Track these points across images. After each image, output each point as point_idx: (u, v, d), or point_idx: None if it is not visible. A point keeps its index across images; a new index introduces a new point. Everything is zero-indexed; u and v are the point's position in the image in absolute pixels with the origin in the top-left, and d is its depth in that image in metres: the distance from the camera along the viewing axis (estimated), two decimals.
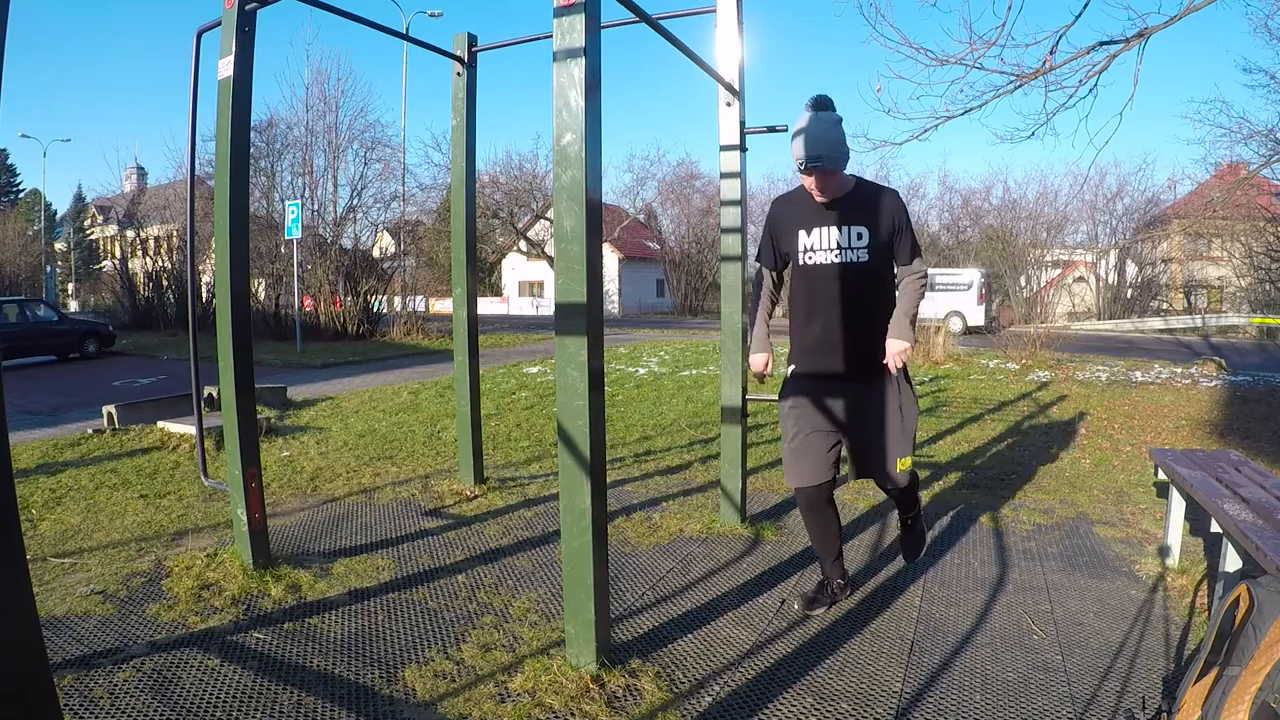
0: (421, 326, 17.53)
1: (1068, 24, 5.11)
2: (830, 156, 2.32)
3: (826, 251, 2.44)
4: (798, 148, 2.34)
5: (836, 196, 2.43)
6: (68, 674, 2.13)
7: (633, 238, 36.23)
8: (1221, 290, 27.43)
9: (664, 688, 2.09)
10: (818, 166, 2.32)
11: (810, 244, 2.46)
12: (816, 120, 2.33)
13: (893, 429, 2.46)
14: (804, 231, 2.48)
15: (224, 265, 2.77)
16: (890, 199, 2.45)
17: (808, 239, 2.47)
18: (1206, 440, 5.61)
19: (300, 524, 3.57)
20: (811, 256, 2.47)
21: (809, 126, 2.32)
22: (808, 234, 2.47)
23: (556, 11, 1.99)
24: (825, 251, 2.44)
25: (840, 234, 2.42)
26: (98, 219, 42.36)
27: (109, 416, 5.70)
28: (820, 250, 2.45)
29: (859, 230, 2.41)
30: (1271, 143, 11.78)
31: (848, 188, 2.45)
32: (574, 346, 2.06)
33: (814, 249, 2.46)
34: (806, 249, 2.47)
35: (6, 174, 48.51)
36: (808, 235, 2.47)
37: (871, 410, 2.46)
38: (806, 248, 2.47)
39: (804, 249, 2.48)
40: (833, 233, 2.42)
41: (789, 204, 2.57)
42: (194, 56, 2.85)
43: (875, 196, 2.45)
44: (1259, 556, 2.10)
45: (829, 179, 2.37)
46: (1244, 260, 25.33)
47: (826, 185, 2.38)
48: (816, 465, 2.49)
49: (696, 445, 5.40)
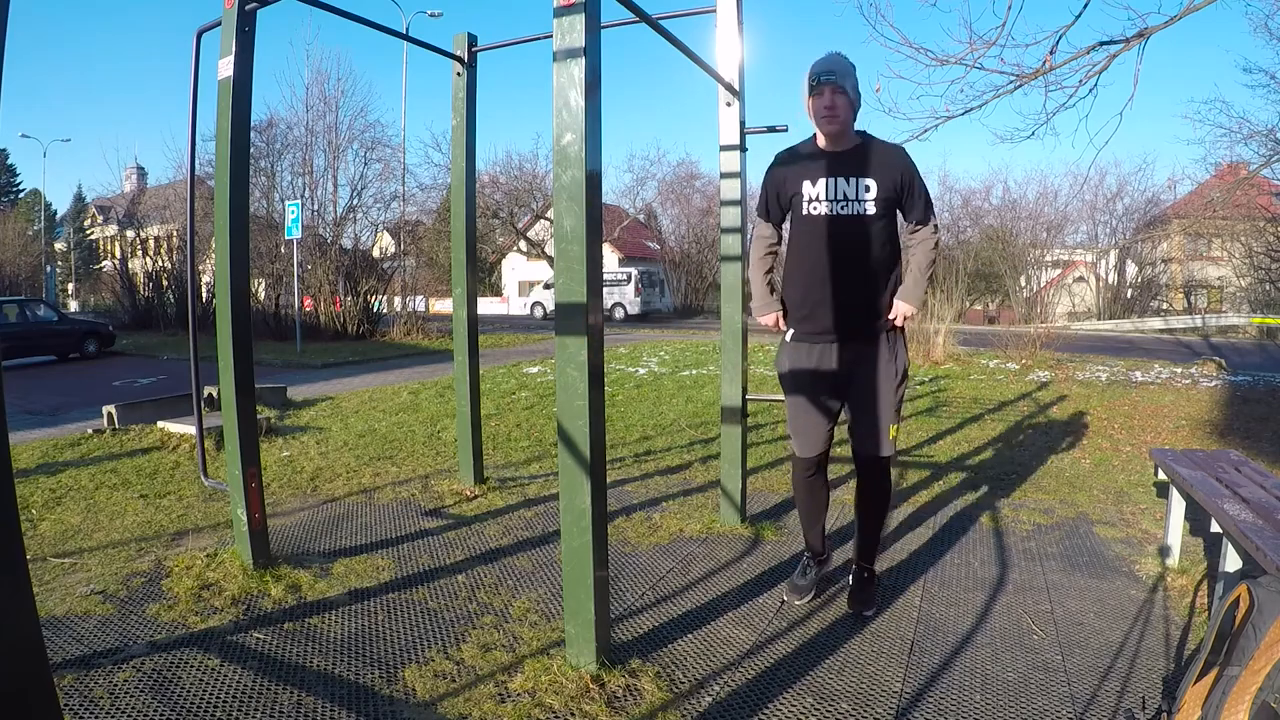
0: (421, 326, 17.52)
1: (1068, 24, 5.12)
2: (842, 73, 2.31)
3: (832, 202, 2.38)
4: (817, 64, 2.34)
5: (845, 144, 2.40)
6: (68, 674, 2.13)
7: (633, 238, 36.22)
8: (1221, 290, 27.44)
9: (664, 688, 2.09)
10: (830, 79, 2.29)
11: (815, 194, 2.40)
12: (832, 53, 2.37)
13: (887, 395, 2.44)
14: (809, 182, 2.42)
15: (224, 265, 2.77)
16: (899, 154, 2.41)
17: (813, 189, 2.41)
18: (1206, 440, 5.61)
19: (300, 524, 3.57)
20: (816, 207, 2.40)
21: (826, 55, 2.36)
22: (813, 184, 2.41)
23: (556, 11, 1.99)
24: (831, 202, 2.38)
25: (847, 185, 2.36)
26: (98, 219, 42.36)
27: (109, 416, 5.70)
28: (826, 200, 2.39)
29: (866, 183, 2.35)
30: (1271, 143, 11.79)
31: (855, 140, 2.41)
32: (574, 346, 2.06)
33: (819, 199, 2.40)
34: (811, 199, 2.41)
35: (6, 174, 48.51)
36: (813, 186, 2.41)
37: (869, 373, 2.45)
38: (811, 198, 2.41)
39: (809, 199, 2.42)
40: (839, 183, 2.37)
41: (793, 155, 2.51)
42: (194, 56, 2.85)
43: (884, 150, 2.41)
44: (1259, 556, 2.10)
45: (839, 97, 2.31)
46: (1244, 260, 25.34)
47: (836, 104, 2.32)
48: (816, 435, 2.53)
49: (696, 445, 5.39)
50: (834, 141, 2.42)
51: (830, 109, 2.33)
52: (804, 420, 2.54)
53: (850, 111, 2.37)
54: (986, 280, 29.35)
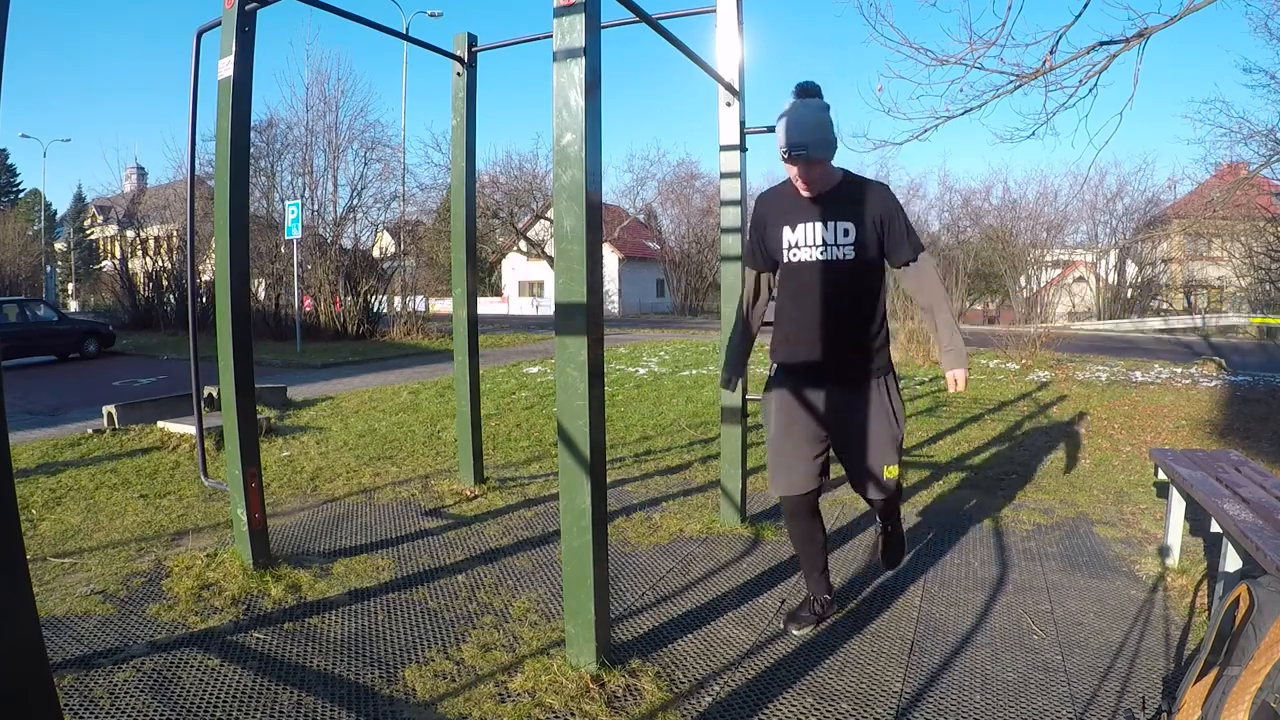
0: (421, 326, 17.53)
1: (1068, 24, 5.11)
2: (815, 144, 2.19)
3: (811, 249, 2.32)
4: (781, 135, 2.22)
5: (822, 190, 2.31)
6: (68, 674, 2.13)
7: (633, 238, 36.23)
8: (1221, 290, 27.47)
9: (664, 688, 2.09)
10: (802, 155, 2.19)
11: (795, 240, 2.35)
12: (803, 107, 2.21)
13: (882, 436, 2.35)
14: (788, 228, 2.36)
15: (224, 265, 2.77)
16: (878, 192, 2.33)
17: (792, 235, 2.35)
18: (1206, 440, 5.60)
19: (300, 524, 3.57)
20: (796, 254, 2.35)
21: (793, 113, 2.20)
22: (792, 230, 2.35)
23: (556, 11, 1.99)
24: (810, 249, 2.33)
25: (825, 230, 2.30)
26: (98, 219, 42.36)
27: (109, 416, 5.70)
28: (805, 247, 2.34)
29: (845, 226, 2.29)
30: (1271, 143, 11.78)
31: (834, 181, 2.32)
32: (574, 346, 2.06)
33: (798, 245, 2.35)
34: (791, 246, 2.36)
35: (6, 174, 48.51)
36: (792, 232, 2.35)
37: (859, 416, 2.36)
38: (791, 244, 2.36)
39: (788, 245, 2.37)
40: (817, 229, 2.31)
41: (773, 199, 2.45)
42: (194, 56, 2.85)
43: (862, 190, 2.32)
44: (1259, 556, 2.10)
45: (813, 168, 2.24)
46: (1244, 260, 25.34)
47: (811, 175, 2.25)
48: (802, 473, 2.39)
49: (696, 445, 5.39)
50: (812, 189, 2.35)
51: (804, 179, 2.28)
52: (789, 459, 2.41)
53: (825, 169, 2.30)
54: (986, 280, 29.37)
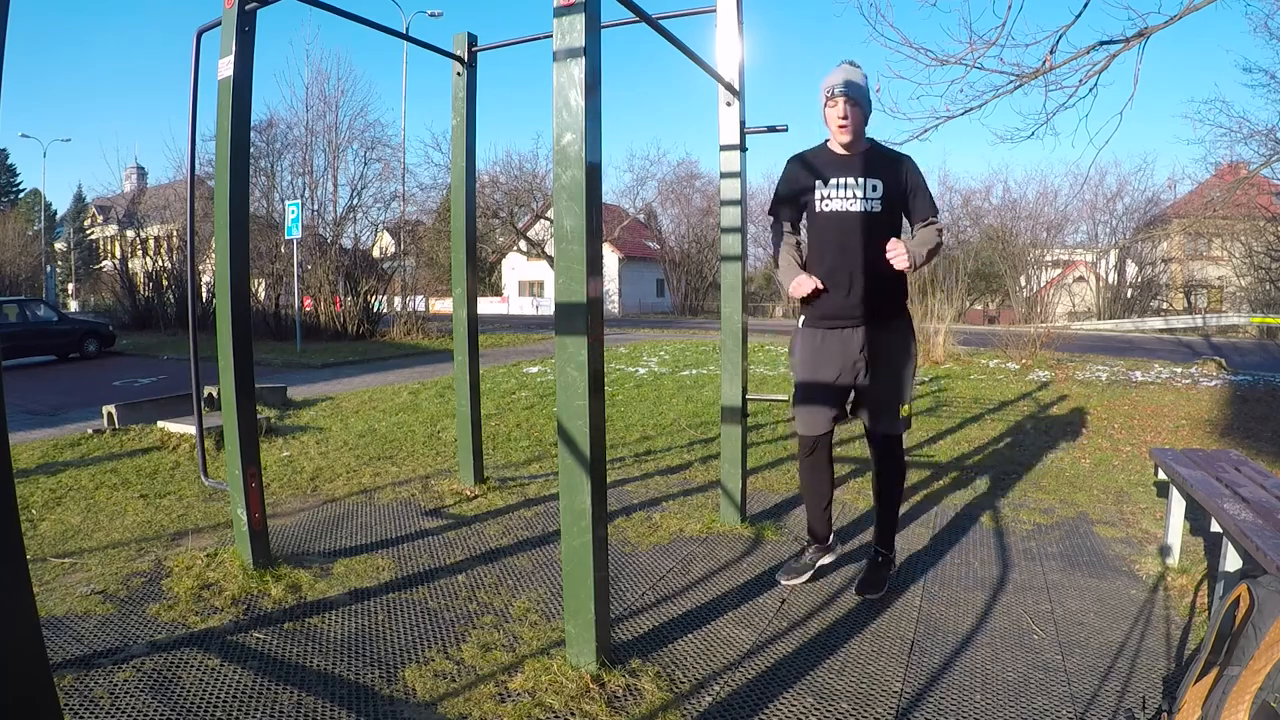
0: (421, 326, 17.52)
1: (1068, 24, 5.12)
2: (860, 89, 2.56)
3: (843, 200, 2.60)
4: (834, 76, 2.57)
5: (856, 149, 2.62)
6: (68, 674, 2.13)
7: (633, 238, 36.24)
8: (1221, 290, 27.47)
9: (664, 688, 2.09)
10: (846, 92, 2.52)
11: (827, 192, 2.62)
12: (851, 67, 2.61)
13: (902, 371, 2.64)
14: (821, 181, 2.64)
15: (224, 265, 2.77)
16: (905, 160, 2.65)
17: (824, 188, 2.63)
18: (1207, 440, 5.60)
19: (300, 524, 3.57)
20: (828, 204, 2.62)
21: (843, 68, 2.59)
22: (824, 184, 2.63)
23: (556, 11, 1.99)
24: (841, 200, 2.60)
25: (857, 185, 2.58)
26: (98, 219, 42.39)
27: (109, 416, 5.70)
28: (837, 198, 2.61)
29: (874, 183, 2.58)
30: (1271, 142, 11.79)
31: (865, 145, 2.65)
32: (574, 346, 2.06)
33: (830, 196, 2.62)
34: (824, 197, 2.63)
35: (6, 174, 48.53)
36: (824, 185, 2.63)
37: (882, 351, 2.63)
38: (824, 195, 2.63)
39: (821, 197, 2.63)
40: (849, 182, 2.59)
41: (809, 156, 2.73)
42: (194, 56, 2.84)
43: (891, 156, 2.66)
44: (1259, 556, 2.10)
45: (855, 111, 2.55)
46: (1244, 260, 25.36)
47: (853, 116, 2.55)
48: (821, 415, 2.68)
49: (696, 445, 5.39)
50: (846, 147, 2.65)
51: (845, 119, 2.56)
52: (814, 401, 2.69)
53: (862, 121, 2.61)
54: (986, 280, 29.39)
